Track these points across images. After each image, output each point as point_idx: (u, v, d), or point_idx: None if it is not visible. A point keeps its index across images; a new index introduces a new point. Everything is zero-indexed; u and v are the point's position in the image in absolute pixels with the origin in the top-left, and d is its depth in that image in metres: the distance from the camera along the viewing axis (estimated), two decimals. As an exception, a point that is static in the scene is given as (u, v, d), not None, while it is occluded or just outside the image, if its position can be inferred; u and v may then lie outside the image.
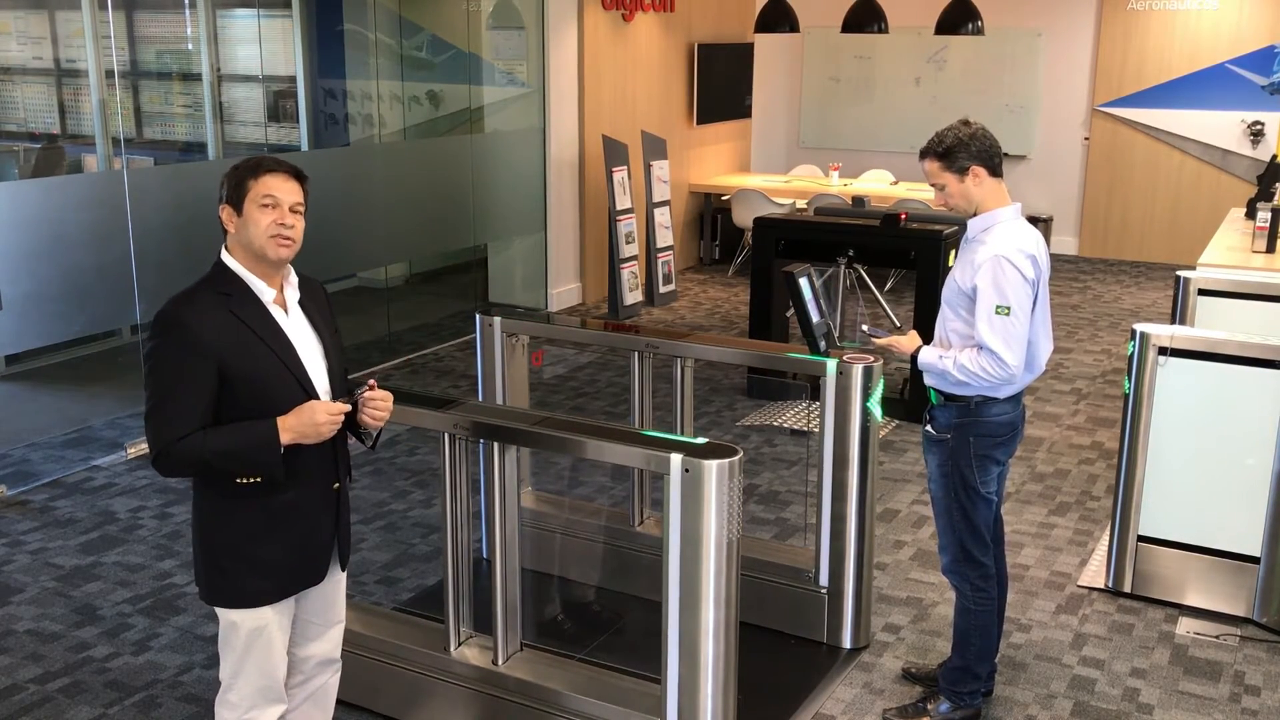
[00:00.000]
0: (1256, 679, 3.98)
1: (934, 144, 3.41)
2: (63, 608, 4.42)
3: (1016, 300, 3.29)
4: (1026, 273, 3.32)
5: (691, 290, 9.93)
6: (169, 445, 2.57)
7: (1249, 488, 4.30)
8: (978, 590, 3.59)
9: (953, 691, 3.67)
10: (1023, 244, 3.34)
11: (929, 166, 3.44)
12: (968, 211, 3.45)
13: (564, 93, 8.90)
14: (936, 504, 3.60)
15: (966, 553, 3.56)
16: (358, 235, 7.41)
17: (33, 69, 7.58)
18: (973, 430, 3.45)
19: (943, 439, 3.50)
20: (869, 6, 8.88)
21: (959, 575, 3.60)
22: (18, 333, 5.71)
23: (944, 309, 3.52)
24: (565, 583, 4.64)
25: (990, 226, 3.40)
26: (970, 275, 3.35)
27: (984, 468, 3.49)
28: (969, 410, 3.45)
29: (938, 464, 3.54)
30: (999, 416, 3.46)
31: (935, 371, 3.45)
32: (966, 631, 3.62)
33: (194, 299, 2.64)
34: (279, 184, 2.66)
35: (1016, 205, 3.45)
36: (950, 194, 3.43)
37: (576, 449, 3.26)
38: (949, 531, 3.57)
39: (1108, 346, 8.18)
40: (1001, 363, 3.30)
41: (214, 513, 2.72)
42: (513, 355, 4.52)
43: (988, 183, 3.40)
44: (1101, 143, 11.04)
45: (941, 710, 3.67)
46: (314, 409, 2.65)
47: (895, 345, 3.58)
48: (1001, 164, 3.44)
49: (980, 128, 3.41)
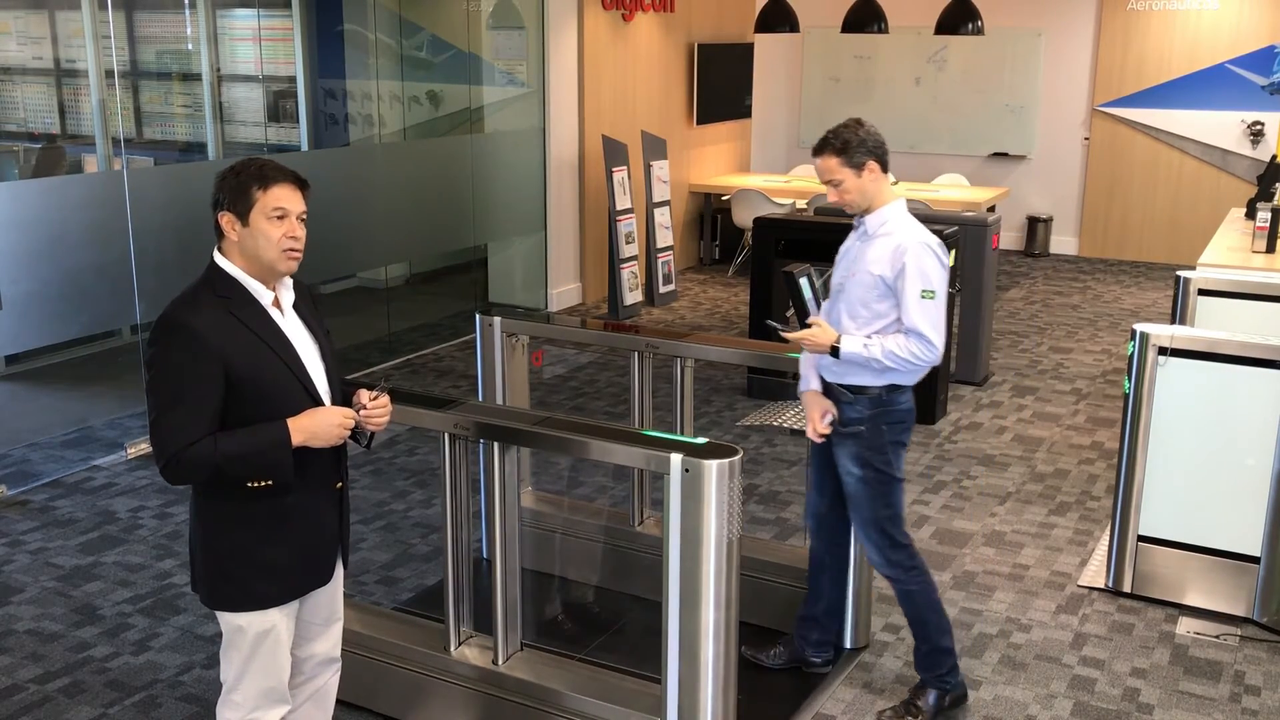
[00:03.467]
0: (1256, 679, 3.98)
1: (831, 140, 3.48)
2: (63, 608, 4.42)
3: (940, 285, 3.44)
4: (944, 260, 3.47)
5: (691, 290, 9.93)
6: (179, 452, 2.52)
7: (1249, 488, 4.30)
8: (911, 571, 3.64)
9: (934, 677, 3.71)
10: (930, 236, 3.49)
11: (827, 163, 3.50)
12: (860, 207, 3.54)
13: (564, 93, 8.90)
14: (855, 499, 3.62)
15: (891, 540, 3.62)
16: (358, 235, 7.41)
17: (33, 69, 7.58)
18: (884, 419, 3.54)
19: (855, 433, 3.55)
20: (869, 6, 8.89)
21: (889, 564, 3.64)
22: (18, 333, 5.71)
23: (850, 305, 3.53)
24: (565, 583, 4.64)
25: (888, 220, 3.51)
26: (889, 264, 3.44)
27: (896, 453, 3.60)
28: (880, 400, 3.53)
29: (851, 458, 3.58)
30: (905, 403, 3.58)
31: (859, 361, 3.47)
32: (920, 614, 3.68)
33: (195, 302, 2.61)
34: (287, 195, 2.64)
35: (903, 200, 3.58)
36: (847, 190, 3.50)
37: (576, 449, 3.26)
38: (872, 524, 3.62)
39: (1108, 346, 8.18)
40: (930, 345, 3.41)
41: (218, 517, 2.70)
42: (513, 355, 4.52)
43: (880, 178, 3.50)
44: (1101, 143, 11.04)
45: (931, 702, 3.70)
46: (330, 413, 2.66)
47: (811, 339, 3.52)
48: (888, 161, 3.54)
49: (871, 126, 3.51)
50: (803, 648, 3.98)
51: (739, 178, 10.99)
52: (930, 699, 3.70)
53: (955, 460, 5.99)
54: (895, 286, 3.43)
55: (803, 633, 3.97)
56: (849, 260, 3.60)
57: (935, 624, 3.67)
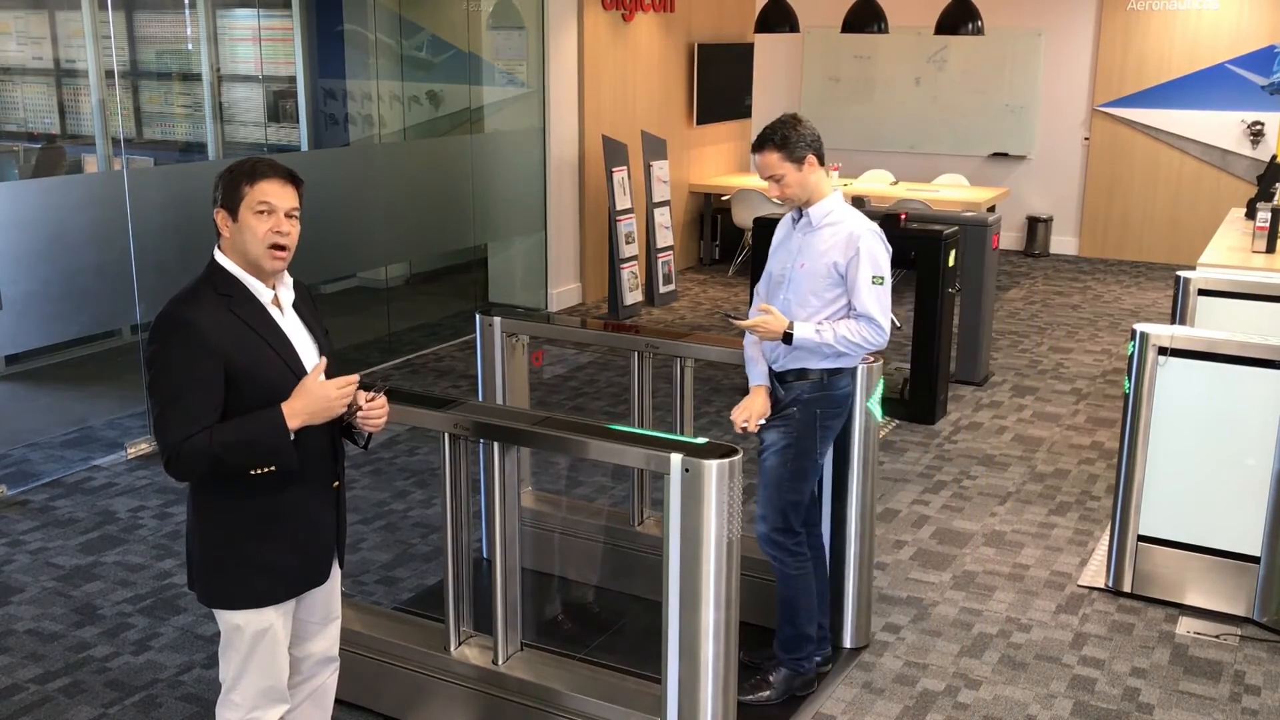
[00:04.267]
0: (1256, 679, 3.98)
1: (770, 136, 3.53)
2: (63, 607, 4.42)
3: (886, 271, 3.53)
4: (888, 247, 3.58)
5: (691, 290, 9.93)
6: (179, 446, 2.53)
7: (1249, 488, 4.30)
8: (795, 555, 3.70)
9: (790, 659, 3.80)
10: (874, 224, 3.58)
11: (768, 158, 3.54)
12: (800, 199, 3.60)
13: (564, 93, 8.90)
14: (767, 474, 3.68)
15: (787, 522, 3.67)
16: (358, 235, 7.41)
17: (33, 69, 7.58)
18: (820, 404, 3.61)
19: (788, 414, 3.62)
20: (869, 6, 8.89)
21: (776, 545, 3.70)
22: (18, 333, 5.71)
23: (800, 295, 3.59)
24: (565, 583, 4.64)
25: (831, 210, 3.59)
26: (842, 252, 3.51)
27: (825, 439, 3.68)
28: (820, 384, 3.60)
29: (780, 435, 3.64)
30: (844, 389, 3.66)
31: (811, 345, 3.53)
32: (793, 598, 3.74)
33: (195, 300, 2.62)
34: (274, 190, 2.63)
35: (839, 191, 3.67)
36: (788, 184, 3.56)
37: (576, 449, 3.26)
38: (775, 501, 3.66)
39: (1108, 346, 8.18)
40: (880, 329, 3.51)
41: (216, 516, 2.70)
42: (513, 355, 4.53)
43: (819, 171, 3.57)
44: (1101, 143, 11.04)
45: (781, 676, 3.80)
46: (323, 385, 2.63)
47: (764, 325, 3.55)
48: (824, 153, 3.60)
49: (808, 121, 3.58)
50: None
51: (739, 178, 10.99)
52: (782, 678, 3.80)
53: (955, 460, 5.99)
54: (847, 273, 3.52)
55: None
56: (791, 251, 3.67)
57: (805, 610, 3.76)
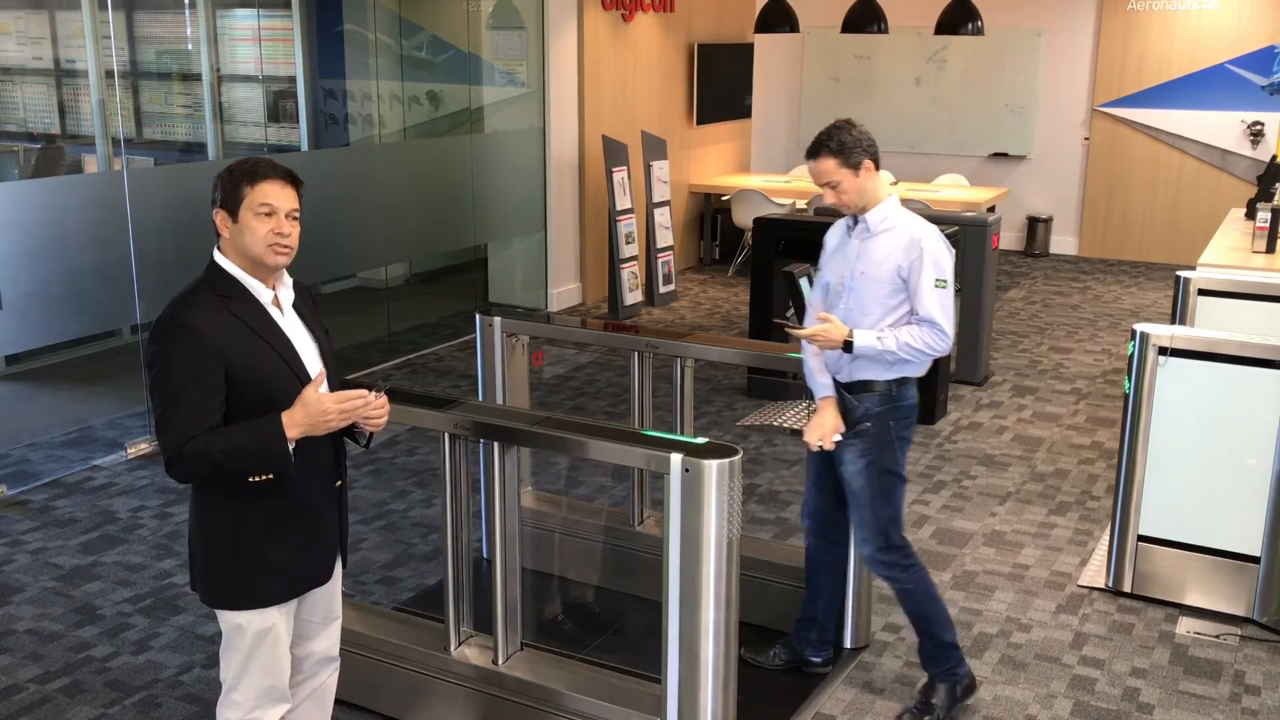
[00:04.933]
0: (1256, 679, 3.98)
1: (826, 143, 3.48)
2: (63, 607, 4.42)
3: (950, 275, 3.46)
4: (951, 249, 3.50)
5: (691, 290, 9.93)
6: (181, 447, 2.53)
7: (1249, 488, 4.30)
8: (907, 569, 3.64)
9: (943, 671, 3.71)
10: (934, 226, 3.53)
11: (824, 165, 3.48)
12: (858, 206, 3.53)
13: (564, 93, 8.90)
14: (857, 496, 3.61)
15: (888, 539, 3.62)
16: (358, 235, 7.41)
17: (32, 69, 7.58)
18: (892, 415, 3.55)
19: (862, 431, 3.55)
20: (869, 6, 8.88)
21: (885, 565, 3.64)
22: (18, 333, 5.71)
23: (862, 303, 3.50)
24: (565, 583, 4.64)
25: (889, 215, 3.53)
26: (904, 256, 3.45)
27: (901, 450, 3.60)
28: (889, 396, 3.53)
29: (857, 455, 3.57)
30: (911, 398, 3.60)
31: (872, 354, 3.46)
32: (920, 610, 3.68)
33: (195, 301, 2.62)
34: (275, 191, 2.63)
35: (896, 195, 3.60)
36: (845, 190, 3.49)
37: (576, 449, 3.26)
38: (872, 522, 3.61)
39: (1108, 346, 8.18)
40: (943, 334, 3.44)
41: (218, 516, 2.70)
42: (513, 355, 4.52)
43: (875, 176, 3.51)
44: (1101, 143, 11.04)
45: (944, 697, 3.70)
46: (321, 399, 2.62)
47: (823, 334, 3.47)
48: (879, 157, 3.56)
49: (862, 125, 3.53)
50: (802, 648, 3.97)
51: (739, 178, 10.99)
52: (943, 694, 3.69)
53: (955, 460, 5.99)
54: (909, 278, 3.44)
55: (801, 632, 3.97)
56: (848, 259, 3.57)
57: (937, 618, 3.68)
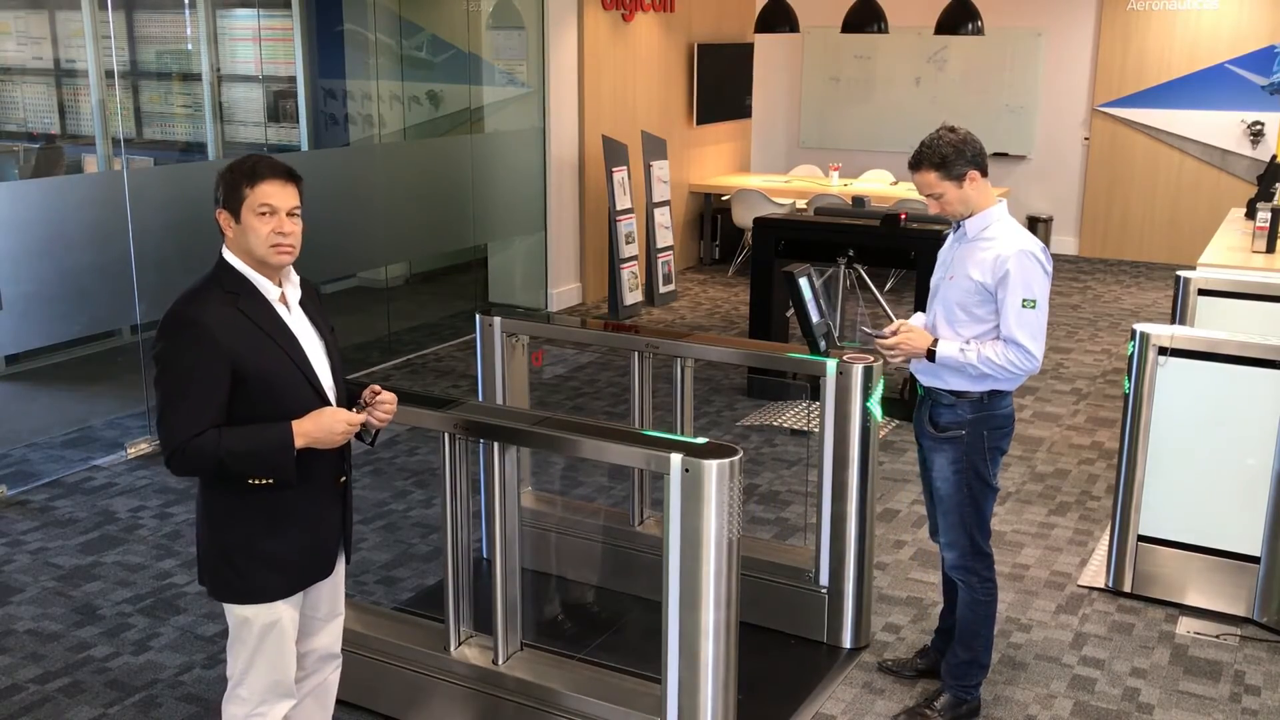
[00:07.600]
0: (1256, 679, 3.98)
1: (928, 155, 3.39)
2: (63, 608, 4.42)
3: (1041, 294, 3.38)
4: (1047, 268, 3.41)
5: (691, 290, 9.93)
6: (183, 444, 2.55)
7: (1249, 488, 4.30)
8: (985, 582, 3.62)
9: (960, 686, 3.69)
10: (1034, 242, 3.41)
11: (926, 178, 3.42)
12: (962, 214, 3.47)
13: (564, 93, 8.90)
14: (945, 502, 3.59)
15: (976, 546, 3.59)
16: (358, 235, 7.41)
17: (32, 69, 7.58)
18: (986, 424, 3.50)
19: (954, 437, 3.51)
20: (869, 6, 8.88)
21: (967, 570, 3.61)
22: (18, 333, 5.71)
23: (948, 310, 3.50)
24: (565, 583, 4.64)
25: (989, 225, 3.44)
26: (989, 272, 3.38)
27: (995, 459, 3.56)
28: (982, 405, 3.49)
29: (949, 461, 3.55)
30: (1006, 408, 3.54)
31: (954, 365, 3.43)
32: (975, 624, 3.64)
33: (203, 298, 2.64)
34: (275, 191, 2.65)
35: (1004, 202, 3.52)
36: (949, 201, 3.43)
37: (576, 449, 3.26)
38: (959, 528, 3.58)
39: (1108, 346, 8.18)
40: (1029, 355, 3.37)
41: (225, 509, 2.72)
42: (513, 355, 4.53)
43: (981, 184, 3.44)
44: (1101, 143, 11.04)
45: (946, 702, 3.69)
46: (334, 416, 2.67)
47: (906, 344, 3.47)
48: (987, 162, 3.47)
49: (966, 131, 3.43)
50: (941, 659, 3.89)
51: (739, 178, 10.99)
52: (947, 704, 3.69)
53: (955, 460, 5.98)
54: (996, 294, 3.38)
55: (939, 645, 3.93)
56: (945, 263, 3.55)
57: (985, 639, 3.66)
